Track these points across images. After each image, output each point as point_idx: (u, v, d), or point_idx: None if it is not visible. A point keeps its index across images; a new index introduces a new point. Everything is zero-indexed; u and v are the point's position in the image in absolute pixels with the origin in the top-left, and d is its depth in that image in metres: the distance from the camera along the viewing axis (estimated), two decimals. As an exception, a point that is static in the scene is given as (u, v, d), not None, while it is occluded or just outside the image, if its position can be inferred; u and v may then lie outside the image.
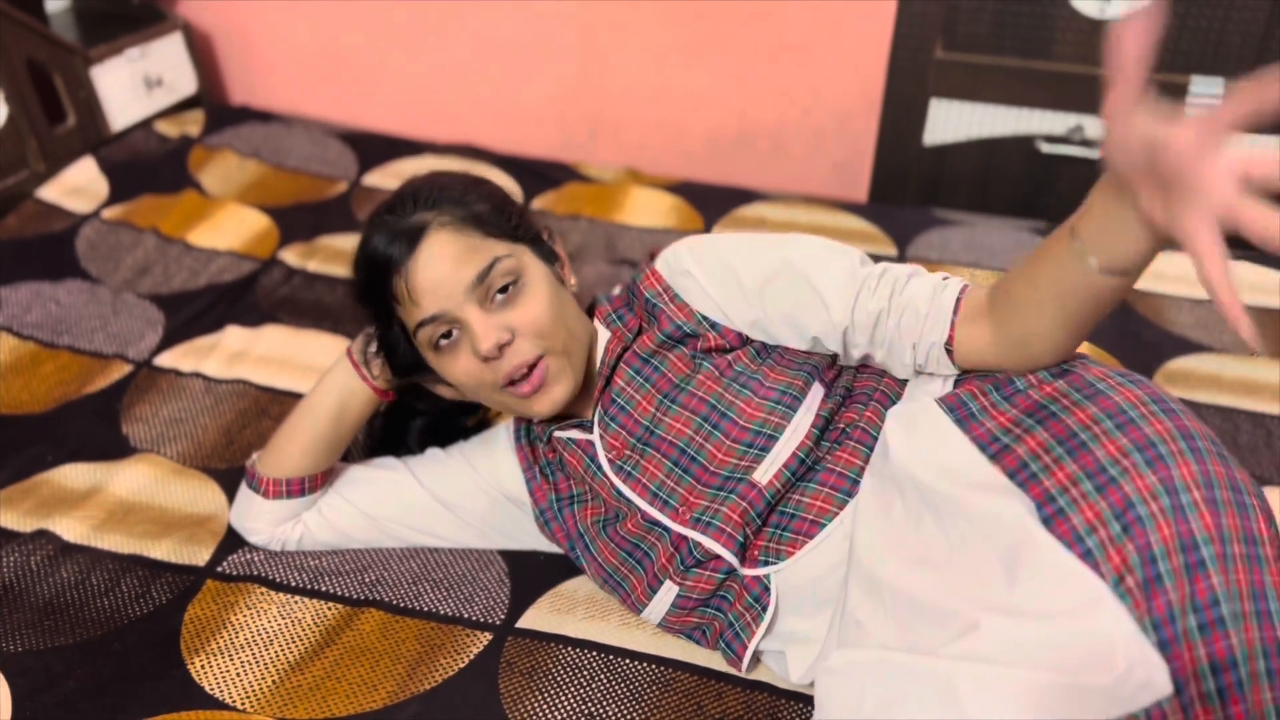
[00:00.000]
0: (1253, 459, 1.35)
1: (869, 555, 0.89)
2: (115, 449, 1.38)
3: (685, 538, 1.01)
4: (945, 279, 0.96)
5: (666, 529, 1.02)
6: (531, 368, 1.01)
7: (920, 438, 0.91)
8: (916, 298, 0.95)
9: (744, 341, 1.05)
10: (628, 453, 1.05)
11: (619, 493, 1.06)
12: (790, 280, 1.00)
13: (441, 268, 0.99)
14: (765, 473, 0.99)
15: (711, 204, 2.02)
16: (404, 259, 0.99)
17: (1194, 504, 0.77)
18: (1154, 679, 0.71)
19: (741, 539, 0.99)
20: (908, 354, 0.96)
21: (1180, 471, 0.78)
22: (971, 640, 0.77)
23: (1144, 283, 1.74)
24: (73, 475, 1.32)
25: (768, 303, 1.01)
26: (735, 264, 1.02)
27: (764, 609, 0.99)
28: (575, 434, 1.10)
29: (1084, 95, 1.97)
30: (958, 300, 0.93)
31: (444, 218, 1.01)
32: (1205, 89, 1.88)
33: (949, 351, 0.93)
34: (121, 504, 1.28)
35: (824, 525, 0.97)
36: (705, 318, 1.05)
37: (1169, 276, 1.76)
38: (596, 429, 1.08)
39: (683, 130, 2.34)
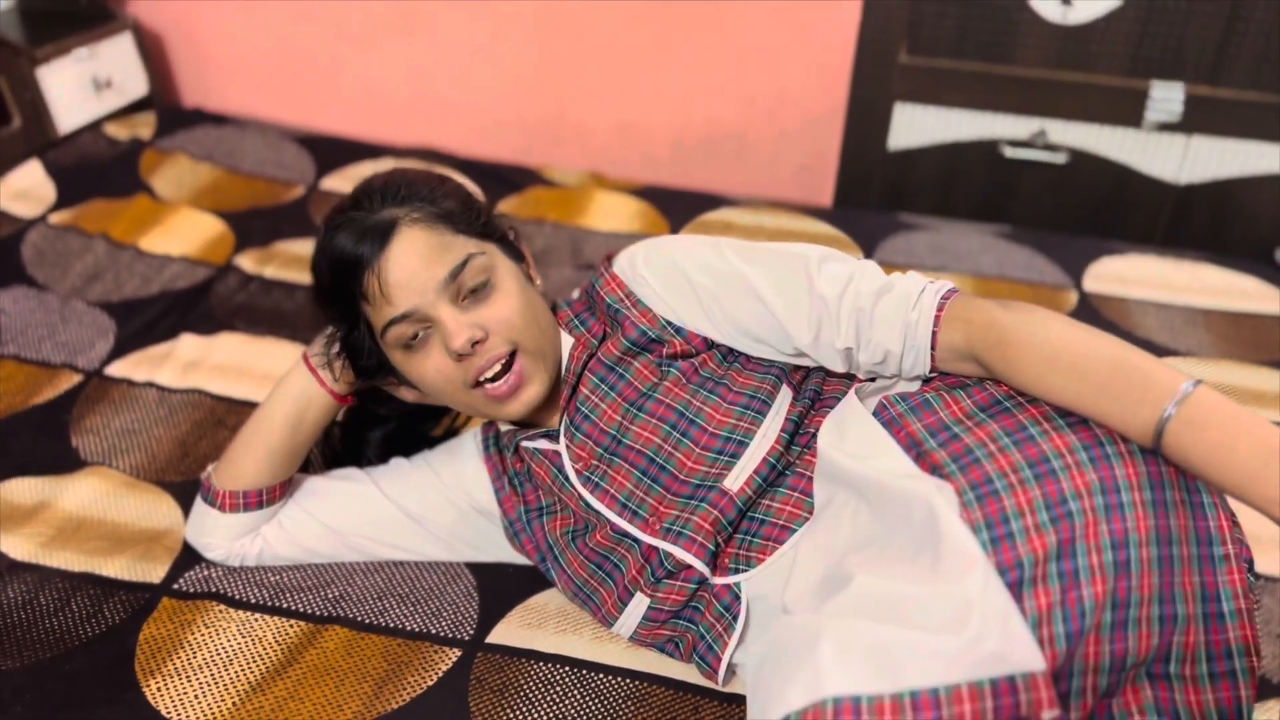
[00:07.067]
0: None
1: (812, 553, 0.91)
2: (64, 462, 1.33)
3: (656, 549, 0.99)
4: (922, 291, 0.92)
5: (636, 540, 1.00)
6: (506, 367, 0.99)
7: (849, 434, 0.93)
8: (889, 339, 0.93)
9: (709, 345, 1.04)
10: (595, 463, 1.03)
11: (587, 504, 1.03)
12: (744, 295, 0.99)
13: (414, 264, 0.97)
14: (736, 480, 0.98)
15: (677, 208, 2.01)
16: (375, 256, 0.97)
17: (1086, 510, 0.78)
18: (1013, 653, 0.71)
19: (713, 548, 0.97)
20: (890, 371, 0.96)
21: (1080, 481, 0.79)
22: (845, 596, 0.78)
23: (1109, 287, 1.76)
24: (19, 490, 1.28)
25: (724, 315, 1.01)
26: (690, 272, 1.01)
27: (735, 618, 0.97)
28: (542, 444, 1.08)
29: (1047, 100, 1.98)
30: (933, 335, 0.91)
31: (414, 214, 0.99)
32: (1165, 94, 1.90)
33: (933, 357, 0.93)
34: (71, 519, 1.24)
35: (794, 530, 0.96)
36: (669, 323, 1.03)
37: (1132, 280, 1.78)
38: (563, 439, 1.05)
39: (647, 133, 2.32)
